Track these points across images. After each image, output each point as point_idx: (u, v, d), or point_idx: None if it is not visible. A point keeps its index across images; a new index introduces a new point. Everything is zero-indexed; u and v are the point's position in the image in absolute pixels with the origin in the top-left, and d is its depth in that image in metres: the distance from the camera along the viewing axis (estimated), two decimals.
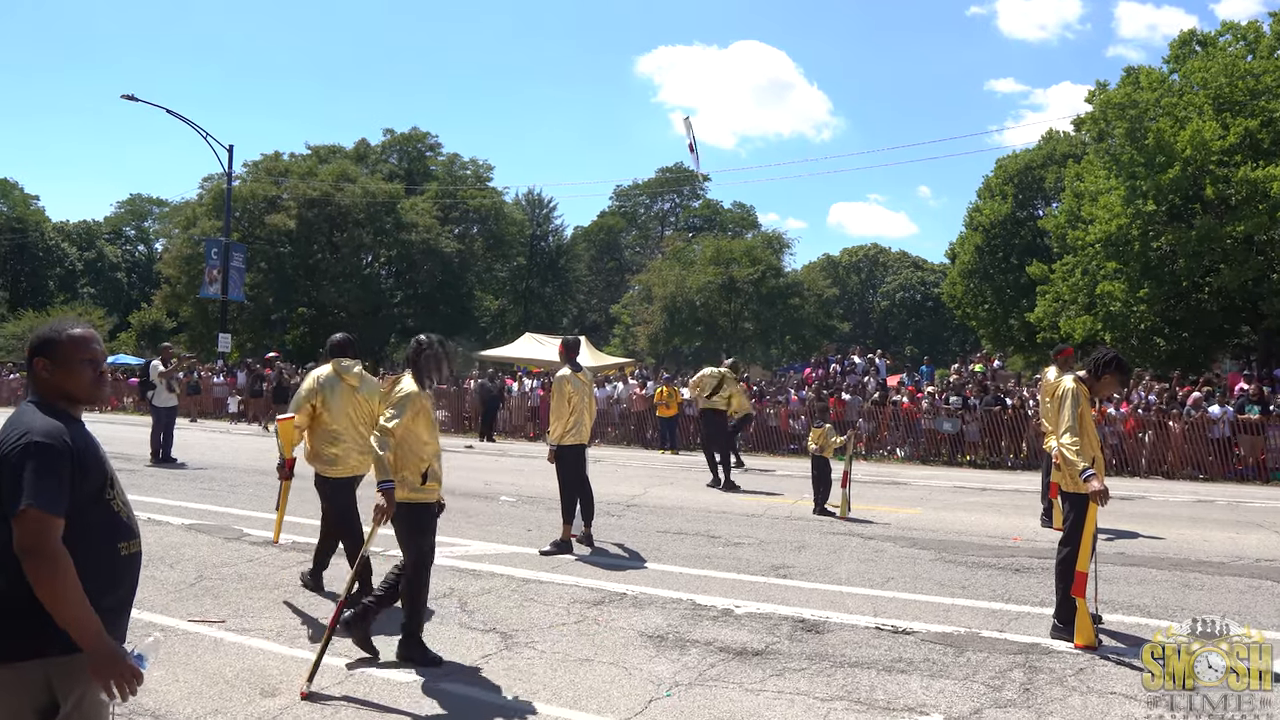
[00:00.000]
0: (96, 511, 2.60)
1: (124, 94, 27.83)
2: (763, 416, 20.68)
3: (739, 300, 44.15)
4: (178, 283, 45.77)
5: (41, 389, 2.69)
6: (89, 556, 2.53)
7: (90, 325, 2.86)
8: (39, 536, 2.41)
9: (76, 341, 2.72)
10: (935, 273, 62.76)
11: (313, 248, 46.77)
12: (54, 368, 2.68)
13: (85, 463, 2.58)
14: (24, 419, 2.57)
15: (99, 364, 2.75)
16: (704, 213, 68.82)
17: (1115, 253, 26.67)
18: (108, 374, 2.82)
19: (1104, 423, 16.63)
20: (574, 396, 9.00)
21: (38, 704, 2.47)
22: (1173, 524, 10.67)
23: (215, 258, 30.95)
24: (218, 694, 4.87)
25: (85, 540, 2.53)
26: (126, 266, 70.88)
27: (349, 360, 6.78)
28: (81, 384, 2.71)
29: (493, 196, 54.34)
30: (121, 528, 2.69)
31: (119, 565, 2.66)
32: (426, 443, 5.44)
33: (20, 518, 2.41)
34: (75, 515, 2.51)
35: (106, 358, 2.83)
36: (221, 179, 37.44)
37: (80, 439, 2.61)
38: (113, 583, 2.63)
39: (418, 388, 5.44)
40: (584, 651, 5.59)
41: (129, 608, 2.74)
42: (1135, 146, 25.47)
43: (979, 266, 41.10)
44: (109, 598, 2.59)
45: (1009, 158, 42.57)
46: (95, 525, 2.59)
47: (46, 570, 2.39)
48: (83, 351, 2.72)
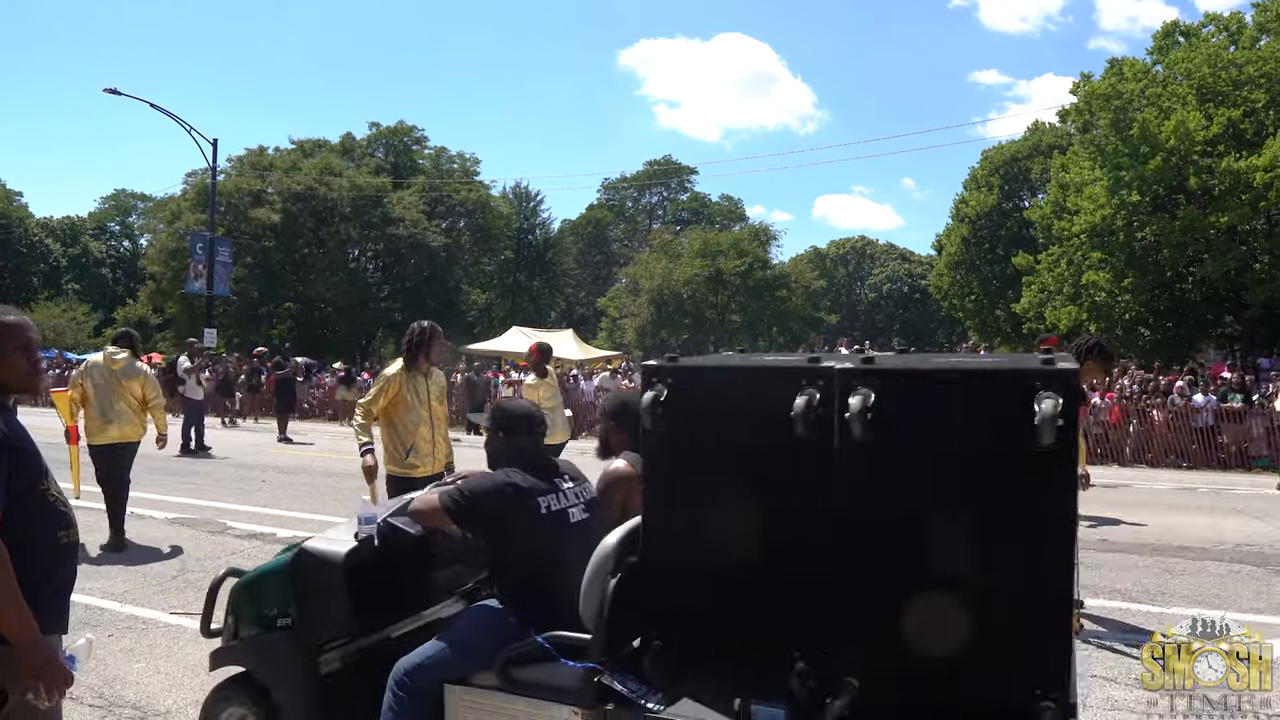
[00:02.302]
0: (33, 501, 2.56)
1: (107, 88, 27.58)
2: None
3: (726, 292, 44.23)
4: (163, 278, 45.49)
5: None
6: (28, 546, 2.48)
7: (23, 313, 2.79)
8: None
9: (10, 329, 2.64)
10: (922, 264, 62.95)
11: (298, 242, 46.55)
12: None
13: (21, 453, 2.54)
14: None
15: (32, 352, 2.69)
16: (692, 206, 68.80)
17: (1100, 243, 26.81)
18: (41, 362, 2.76)
19: (1088, 412, 16.72)
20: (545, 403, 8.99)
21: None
22: (1155, 511, 10.74)
23: (200, 252, 30.75)
24: (198, 685, 4.85)
25: (24, 530, 2.48)
26: (111, 262, 70.38)
27: (115, 348, 8.41)
28: (15, 372, 2.65)
29: (480, 190, 54.19)
30: (59, 516, 2.64)
31: (58, 553, 2.63)
32: (406, 421, 5.82)
33: None
34: (12, 506, 2.46)
35: (40, 346, 2.76)
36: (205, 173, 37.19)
37: (14, 428, 2.56)
38: (52, 571, 2.60)
39: (399, 369, 5.89)
40: None
41: (69, 595, 2.70)
42: (1120, 137, 25.59)
43: (965, 258, 41.26)
44: (49, 586, 2.56)
45: (994, 149, 42.73)
46: (33, 515, 2.54)
47: None
48: (16, 339, 2.64)
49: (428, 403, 5.97)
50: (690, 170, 66.14)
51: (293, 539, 8.60)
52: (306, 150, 51.61)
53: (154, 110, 28.30)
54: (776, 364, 2.60)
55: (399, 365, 5.96)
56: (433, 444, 5.96)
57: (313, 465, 14.65)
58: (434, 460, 5.96)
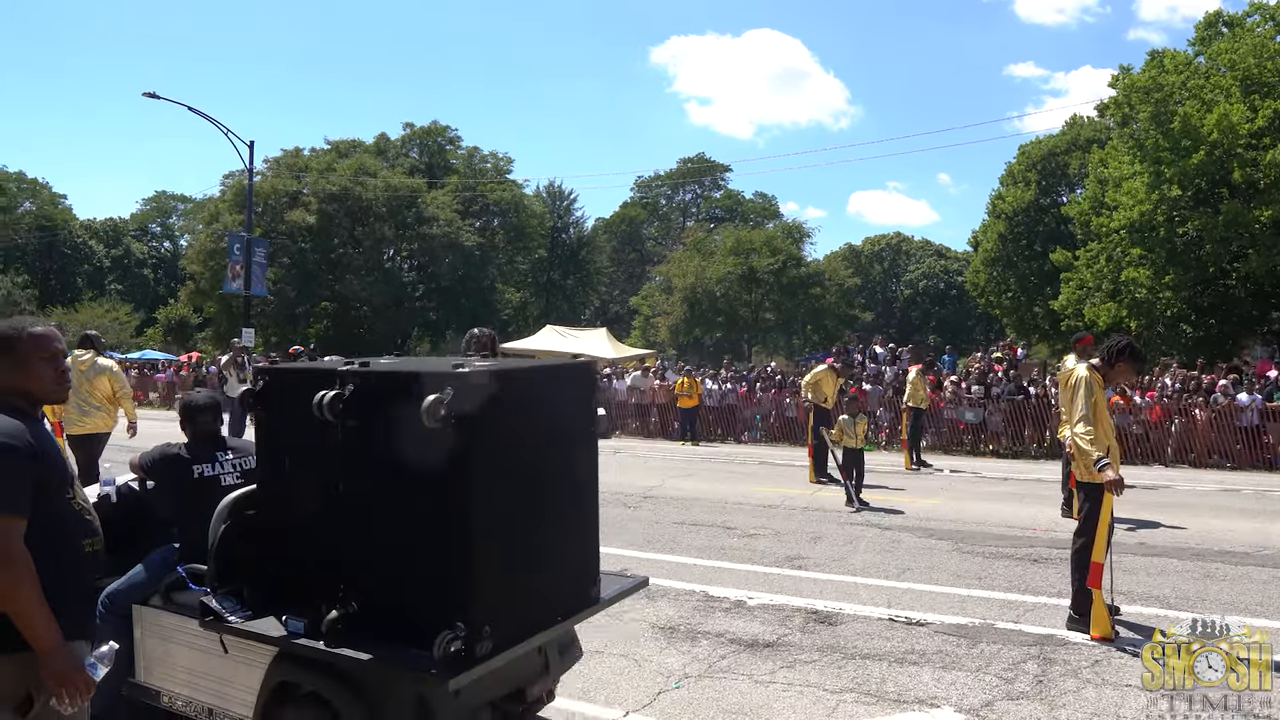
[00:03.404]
0: (59, 511, 2.59)
1: (146, 92, 27.96)
2: (782, 407, 20.61)
3: (760, 290, 44.03)
4: (202, 278, 46.13)
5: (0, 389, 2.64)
6: (53, 555, 2.51)
7: (51, 323, 2.82)
8: (2, 538, 2.38)
9: (36, 339, 2.66)
10: (958, 261, 62.22)
11: (334, 242, 47.02)
12: (13, 367, 2.63)
13: (47, 462, 2.56)
14: None
15: (59, 362, 2.71)
16: (725, 203, 68.60)
17: (1140, 239, 26.35)
18: (68, 372, 2.77)
19: (1129, 411, 16.45)
20: None
21: (14, 699, 2.47)
22: (1197, 513, 10.53)
23: (238, 253, 31.08)
24: None
25: (50, 539, 2.51)
26: (152, 263, 71.52)
27: (80, 350, 8.94)
28: (42, 383, 2.67)
29: (513, 189, 54.41)
30: (84, 526, 2.68)
31: (83, 561, 2.66)
32: None
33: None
34: (39, 515, 2.48)
35: (66, 355, 2.78)
36: (242, 175, 37.67)
37: (41, 439, 2.59)
38: (77, 579, 2.63)
39: None
40: (594, 643, 5.57)
41: (93, 603, 2.73)
42: (1160, 131, 25.12)
43: (1002, 254, 40.76)
44: (74, 594, 2.60)
45: (1032, 144, 42.15)
46: (58, 524, 2.58)
47: (7, 572, 2.37)
48: (43, 350, 2.67)
49: None
50: (724, 168, 66.03)
51: None
52: (341, 151, 52.12)
53: (192, 113, 28.65)
54: (320, 367, 3.55)
55: None
56: None
57: None
58: None
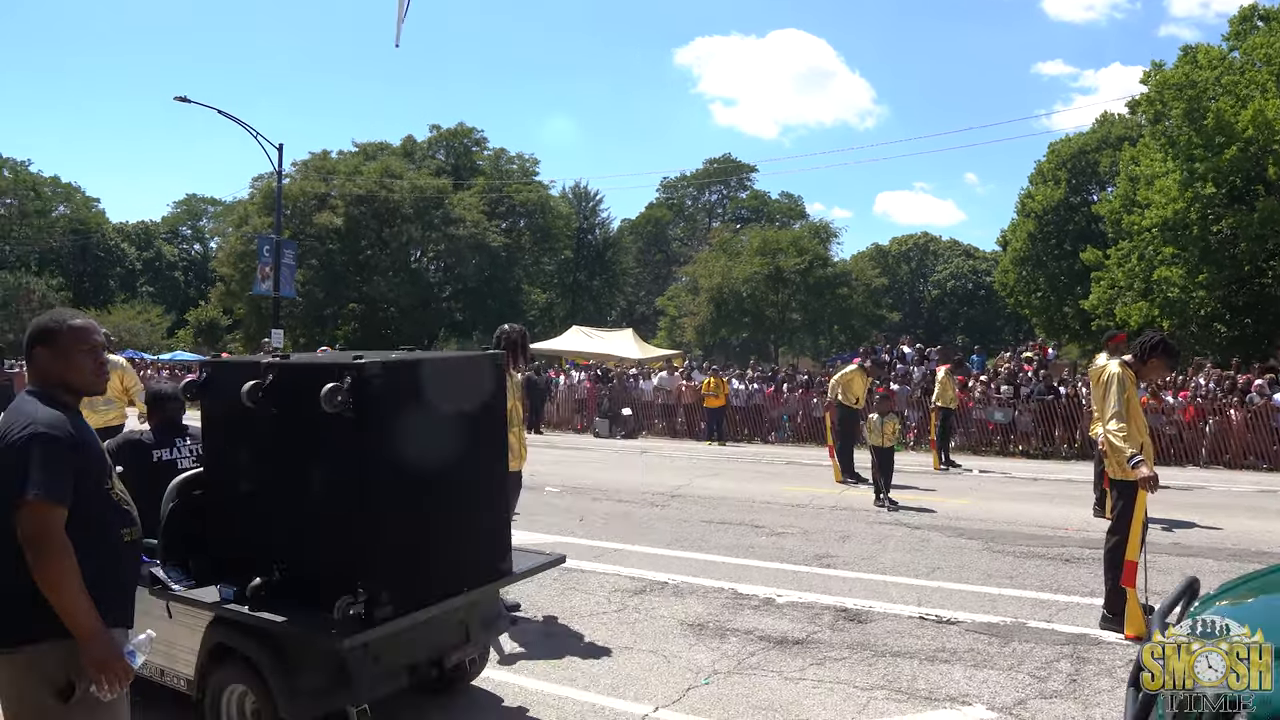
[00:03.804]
0: (98, 500, 2.62)
1: (177, 96, 28.26)
2: (809, 408, 20.52)
3: (786, 291, 43.87)
4: (232, 280, 46.62)
5: (41, 379, 2.69)
6: (93, 544, 2.55)
7: (94, 316, 2.87)
8: (43, 526, 2.43)
9: (77, 331, 2.70)
10: (987, 261, 61.69)
11: (361, 244, 47.37)
12: (54, 358, 2.68)
13: (87, 453, 2.61)
14: (26, 409, 2.58)
15: (99, 354, 2.75)
16: (751, 204, 68.38)
17: (1173, 237, 26.04)
18: (106, 364, 2.81)
19: (1161, 411, 16.23)
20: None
21: (56, 684, 2.50)
22: (1232, 514, 10.37)
23: (267, 255, 31.36)
24: None
25: (89, 528, 2.55)
26: (183, 265, 72.37)
27: None
28: (82, 374, 2.71)
29: (539, 190, 54.56)
30: (122, 515, 2.72)
31: (122, 552, 2.70)
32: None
33: (25, 508, 2.42)
34: (78, 505, 2.52)
35: (106, 348, 2.83)
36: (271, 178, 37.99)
37: (81, 430, 2.63)
38: (116, 568, 2.67)
39: None
40: (624, 640, 5.59)
41: (132, 591, 2.78)
42: (1193, 127, 24.80)
43: (1032, 253, 40.41)
44: (113, 583, 2.63)
45: (1061, 142, 41.76)
46: (98, 514, 2.61)
47: (48, 559, 2.42)
48: (83, 342, 2.71)
49: (515, 402, 6.13)
50: (750, 168, 65.79)
51: None
52: (369, 153, 52.49)
53: (222, 116, 28.93)
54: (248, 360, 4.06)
55: None
56: (520, 441, 6.14)
57: None
58: (520, 456, 6.14)
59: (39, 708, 2.51)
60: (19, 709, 2.54)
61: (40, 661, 2.49)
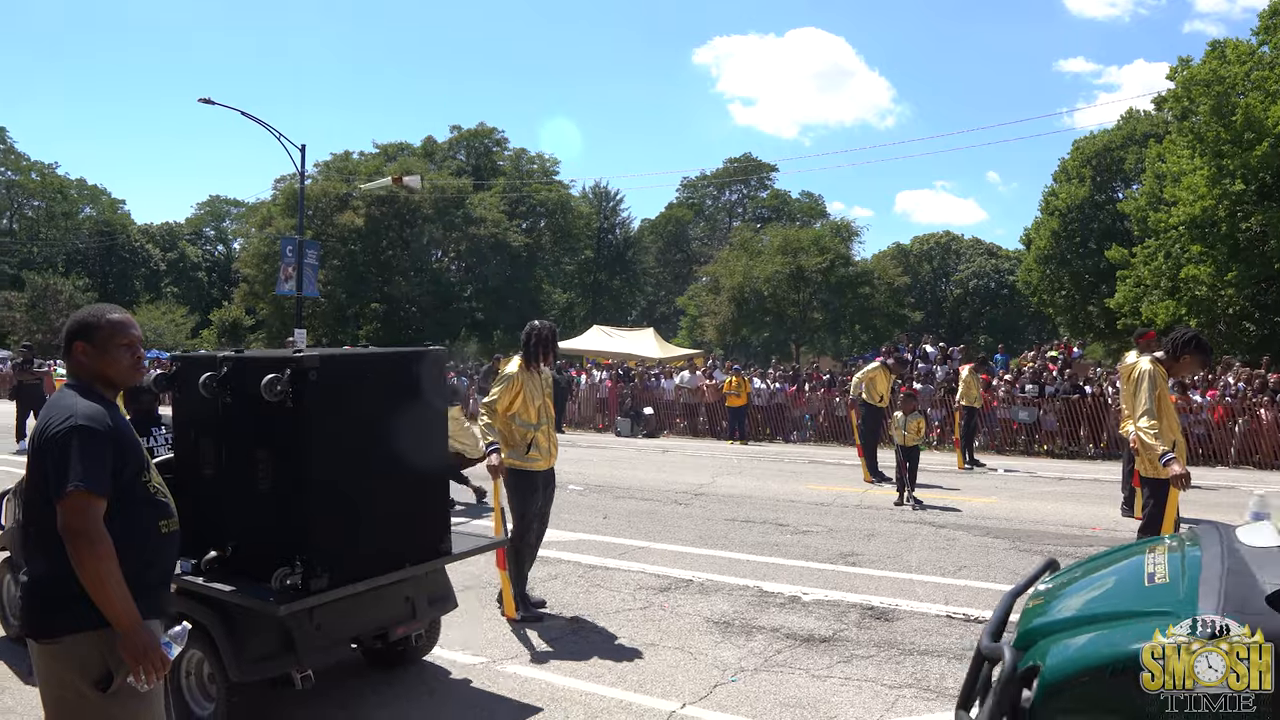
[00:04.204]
0: (136, 492, 2.65)
1: (201, 98, 28.50)
2: (832, 407, 20.44)
3: (808, 290, 43.70)
4: (255, 281, 46.96)
5: (80, 372, 2.72)
6: (131, 536, 2.58)
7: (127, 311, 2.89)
8: (84, 517, 2.45)
9: (115, 326, 2.74)
10: (1010, 260, 61.23)
11: (383, 244, 47.60)
12: (93, 352, 2.70)
13: (124, 446, 2.63)
14: (65, 402, 2.61)
15: (136, 349, 2.78)
16: (772, 203, 68.19)
17: (1200, 235, 25.76)
18: (143, 358, 2.84)
19: (1190, 411, 16.04)
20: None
21: (95, 674, 2.53)
22: None
23: (290, 255, 31.51)
24: None
25: (126, 520, 2.58)
26: (207, 266, 72.94)
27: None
28: (119, 368, 2.74)
29: (559, 190, 54.64)
30: (159, 507, 2.74)
31: (159, 542, 2.72)
32: (527, 418, 5.98)
33: (66, 499, 2.45)
34: (116, 497, 2.55)
35: (143, 342, 2.85)
36: (293, 179, 38.29)
37: (119, 423, 2.66)
38: (154, 560, 2.70)
39: (520, 368, 6.04)
40: (649, 637, 5.57)
41: (169, 583, 2.81)
42: (1222, 124, 24.53)
43: (1056, 252, 40.09)
44: (151, 574, 2.66)
45: (1086, 139, 41.41)
46: (135, 506, 2.64)
47: (88, 551, 2.44)
48: (121, 336, 2.74)
49: (544, 400, 6.11)
50: (770, 168, 65.57)
51: None
52: (389, 154, 52.75)
53: (245, 118, 29.13)
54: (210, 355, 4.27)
55: (518, 364, 6.08)
56: (549, 439, 6.10)
57: None
58: (550, 455, 6.11)
59: (78, 696, 2.54)
60: (59, 697, 2.57)
61: (79, 651, 2.52)
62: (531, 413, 5.99)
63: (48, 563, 2.52)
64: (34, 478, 2.58)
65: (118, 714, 2.55)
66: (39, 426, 2.59)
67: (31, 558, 2.61)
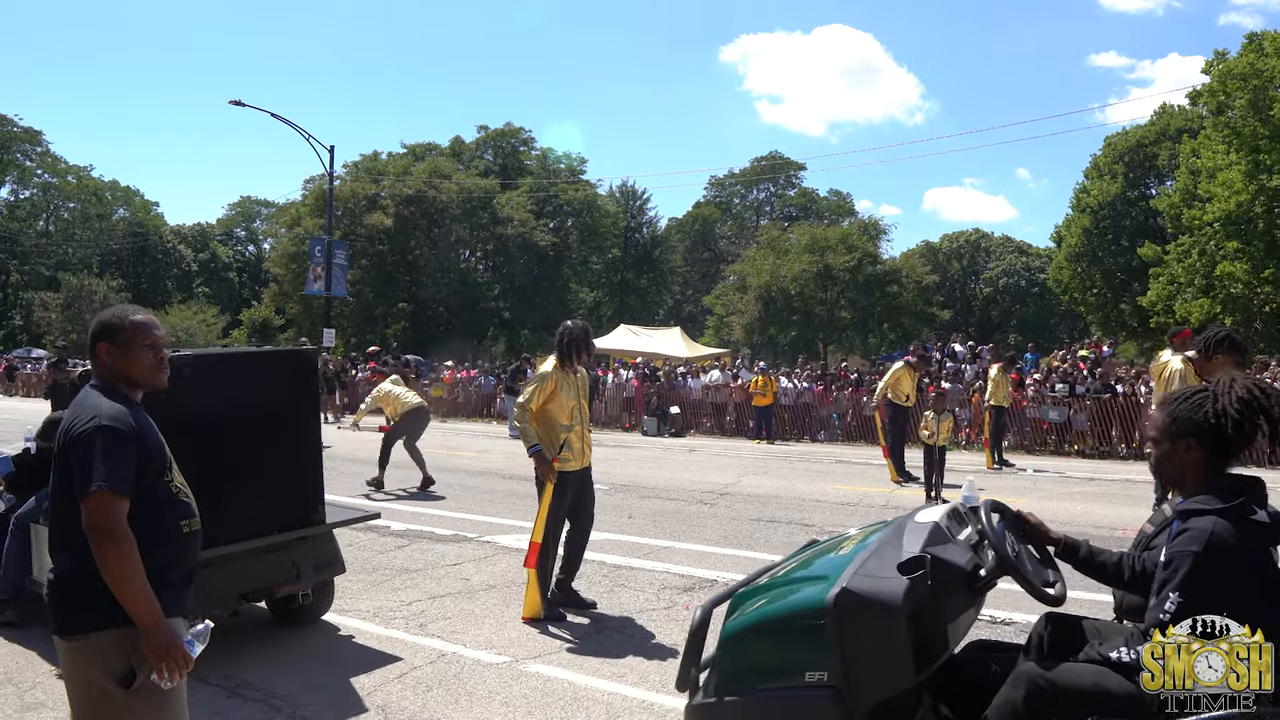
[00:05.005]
0: (158, 492, 2.68)
1: (232, 100, 28.85)
2: (860, 406, 20.32)
3: (835, 288, 43.46)
4: (285, 280, 47.42)
5: (104, 373, 2.75)
6: (153, 535, 2.61)
7: (153, 313, 2.91)
8: (108, 516, 2.48)
9: (138, 327, 2.76)
10: (1040, 257, 60.60)
11: (411, 244, 47.91)
12: (116, 352, 2.74)
13: (148, 446, 2.66)
14: (90, 402, 2.64)
15: (158, 349, 2.80)
16: (799, 201, 67.93)
17: (1236, 232, 25.37)
18: (166, 359, 2.86)
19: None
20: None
21: (118, 671, 2.56)
22: None
23: (319, 255, 31.85)
24: (316, 671, 5.00)
25: (150, 520, 2.61)
26: (237, 266, 73.81)
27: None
28: (142, 368, 2.76)
29: (586, 189, 54.74)
30: (182, 507, 2.77)
31: (182, 542, 2.75)
32: (560, 418, 5.99)
33: (91, 498, 2.48)
34: (139, 496, 2.58)
35: (166, 343, 2.87)
36: (323, 179, 38.57)
37: (142, 422, 2.68)
38: (176, 559, 2.72)
39: (555, 368, 6.05)
40: (673, 636, 5.55)
41: (191, 582, 2.83)
42: (1259, 118, 24.14)
43: (1087, 249, 39.64)
44: (173, 573, 2.68)
45: (1118, 135, 40.87)
46: (158, 505, 2.67)
47: (112, 550, 2.47)
48: (143, 337, 2.76)
49: (578, 400, 6.10)
50: (798, 166, 65.31)
51: (406, 531, 8.81)
52: (417, 154, 53.11)
53: (275, 120, 29.44)
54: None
55: (553, 363, 6.08)
56: (582, 440, 6.10)
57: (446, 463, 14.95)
58: (582, 455, 6.10)
59: (102, 693, 2.57)
60: (83, 694, 2.61)
61: (103, 649, 2.55)
62: (565, 413, 6.00)
63: (73, 561, 2.56)
64: (59, 476, 2.61)
65: (141, 710, 2.58)
66: (64, 426, 2.62)
67: (57, 556, 2.65)
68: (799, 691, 2.61)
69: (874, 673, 2.54)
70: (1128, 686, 2.42)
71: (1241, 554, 2.40)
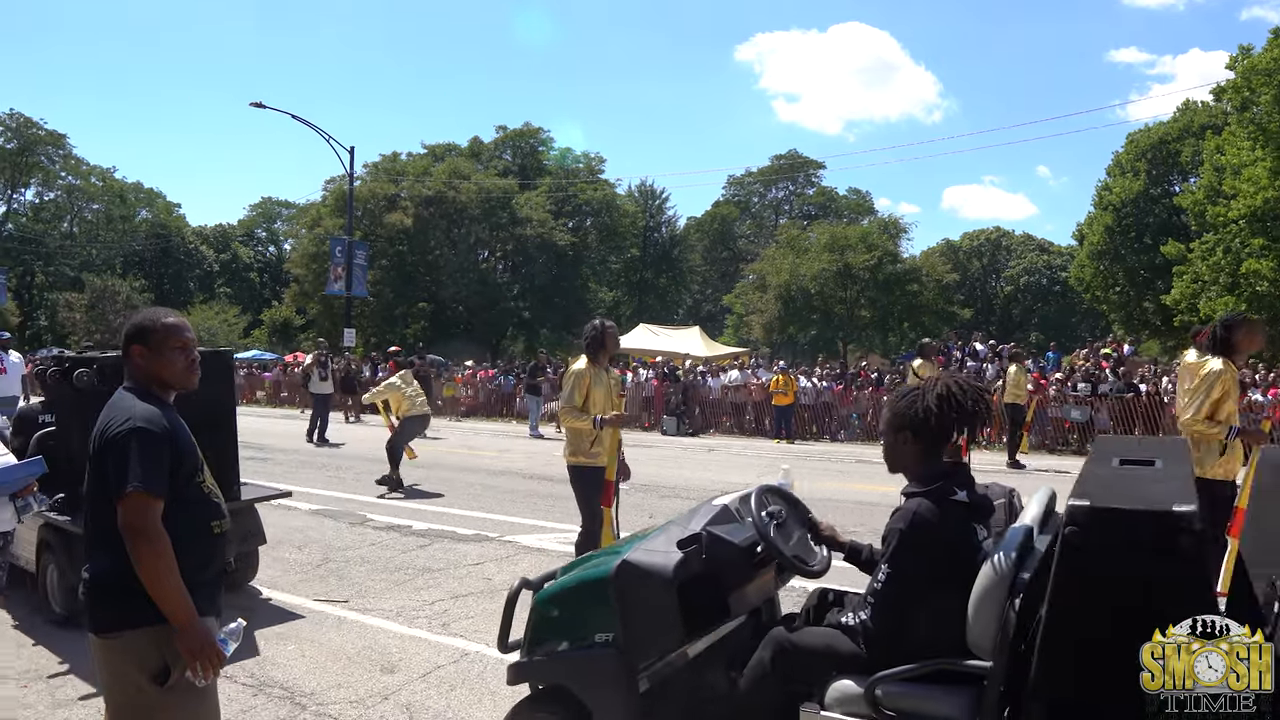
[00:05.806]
0: (190, 493, 2.72)
1: (253, 101, 29.08)
2: (879, 405, 20.24)
3: (855, 287, 43.32)
4: (305, 281, 47.66)
5: (137, 375, 2.79)
6: (186, 535, 2.64)
7: (181, 315, 2.95)
8: (143, 517, 2.52)
9: (170, 329, 2.81)
10: (1062, 255, 60.15)
11: (430, 244, 48.07)
12: (149, 355, 2.78)
13: (181, 447, 2.70)
14: (124, 404, 2.69)
15: (190, 351, 2.84)
16: (818, 200, 67.71)
17: (1262, 229, 25.12)
18: (198, 360, 2.90)
19: (1250, 410, 15.65)
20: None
21: (152, 669, 2.60)
22: None
23: (339, 256, 32.07)
24: (340, 669, 5.05)
25: (182, 520, 2.65)
26: (258, 267, 74.24)
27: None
28: (174, 370, 2.81)
29: (605, 189, 54.78)
30: (212, 507, 2.82)
31: (213, 543, 2.79)
32: (594, 413, 6.15)
33: (126, 499, 2.52)
34: (172, 497, 2.62)
35: (197, 345, 2.92)
36: (343, 180, 38.86)
37: (175, 424, 2.73)
38: (208, 559, 2.77)
39: (587, 365, 6.24)
40: None
41: (222, 581, 2.88)
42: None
43: (1109, 247, 39.29)
44: (205, 573, 2.73)
45: (1141, 132, 40.49)
46: (190, 505, 2.71)
47: (148, 549, 2.52)
48: (175, 339, 2.81)
49: (609, 397, 6.29)
50: (816, 164, 65.10)
51: (428, 531, 8.86)
52: (437, 154, 53.27)
53: (296, 121, 29.65)
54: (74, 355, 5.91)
55: (585, 362, 6.28)
56: (612, 436, 6.27)
57: (467, 463, 15.02)
58: (609, 454, 6.26)
59: (136, 690, 2.61)
60: (118, 691, 2.66)
61: (137, 647, 2.60)
62: (598, 408, 6.18)
63: (109, 560, 2.60)
64: (94, 477, 2.65)
65: (174, 708, 2.62)
66: (99, 427, 2.67)
67: (93, 555, 2.69)
68: (590, 650, 3.13)
69: (649, 634, 3.04)
70: (851, 647, 2.88)
71: (942, 529, 2.80)
